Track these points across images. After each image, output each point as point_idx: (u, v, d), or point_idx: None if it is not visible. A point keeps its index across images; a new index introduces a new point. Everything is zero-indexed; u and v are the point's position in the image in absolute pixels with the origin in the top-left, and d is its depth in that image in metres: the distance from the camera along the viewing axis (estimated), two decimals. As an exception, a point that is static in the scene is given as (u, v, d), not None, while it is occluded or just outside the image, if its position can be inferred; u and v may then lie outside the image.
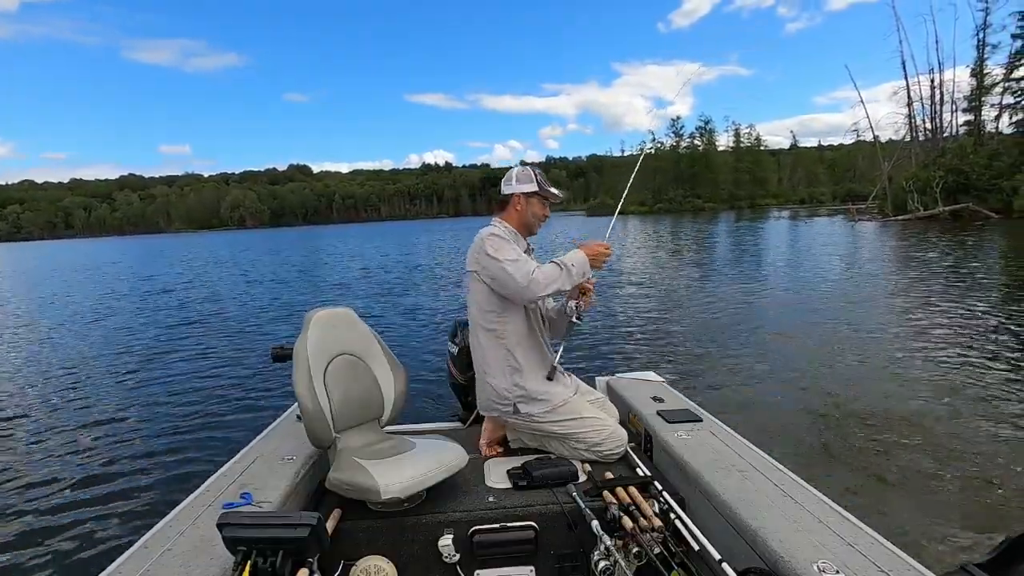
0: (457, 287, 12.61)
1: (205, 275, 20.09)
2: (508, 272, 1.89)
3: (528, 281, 1.86)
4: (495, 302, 2.01)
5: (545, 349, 2.14)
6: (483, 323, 2.05)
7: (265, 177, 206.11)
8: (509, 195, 2.12)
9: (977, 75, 32.47)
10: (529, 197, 2.11)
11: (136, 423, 4.86)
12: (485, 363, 2.08)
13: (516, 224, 2.13)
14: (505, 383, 2.03)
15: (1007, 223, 22.64)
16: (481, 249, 1.98)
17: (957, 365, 5.09)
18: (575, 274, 1.92)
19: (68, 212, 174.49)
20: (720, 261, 15.61)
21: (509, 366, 2.03)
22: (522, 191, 2.10)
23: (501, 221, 2.13)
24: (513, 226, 2.12)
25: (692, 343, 6.55)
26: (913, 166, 32.05)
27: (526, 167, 2.15)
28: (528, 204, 2.11)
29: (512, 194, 2.11)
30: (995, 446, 3.42)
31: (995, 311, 7.24)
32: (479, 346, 2.09)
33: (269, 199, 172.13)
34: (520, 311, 2.05)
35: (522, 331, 2.05)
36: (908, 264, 12.78)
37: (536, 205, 2.12)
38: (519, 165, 2.19)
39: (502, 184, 2.16)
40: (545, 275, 1.88)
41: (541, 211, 2.14)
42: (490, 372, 2.06)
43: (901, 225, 25.61)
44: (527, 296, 1.91)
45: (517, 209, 2.12)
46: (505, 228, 2.10)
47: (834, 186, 78.01)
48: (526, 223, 2.14)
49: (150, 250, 46.28)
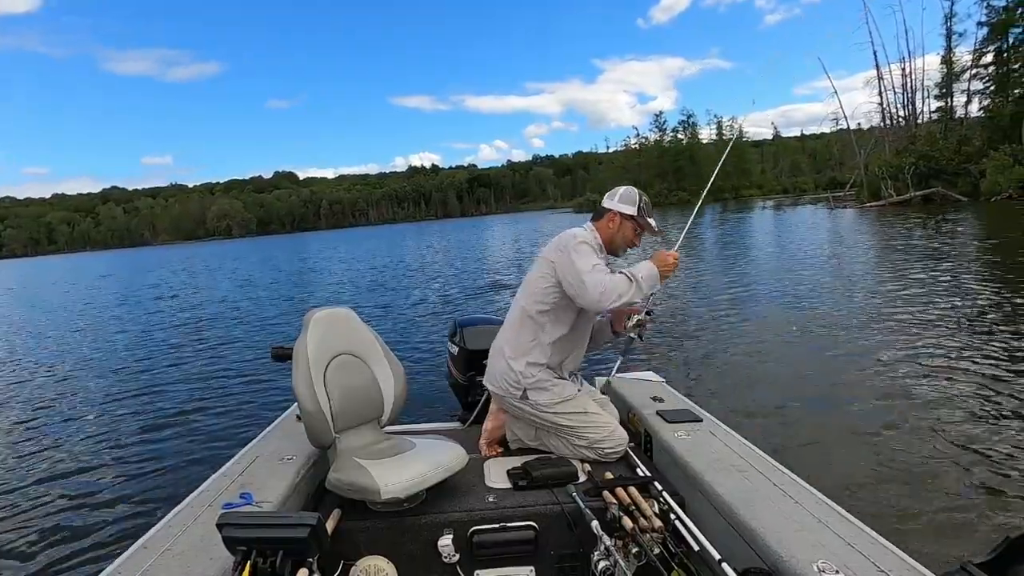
0: (457, 288, 12.55)
1: (201, 281, 20.33)
2: (583, 281, 1.88)
3: (599, 294, 1.85)
4: (552, 298, 2.02)
5: (575, 356, 2.17)
6: (528, 309, 2.06)
7: (251, 185, 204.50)
8: (607, 209, 2.10)
9: (947, 62, 33.58)
10: (625, 219, 2.08)
11: (136, 423, 4.91)
12: (512, 342, 2.08)
13: (604, 238, 2.10)
14: (521, 366, 2.04)
15: (974, 206, 23.54)
16: (567, 249, 1.97)
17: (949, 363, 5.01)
18: (645, 288, 1.91)
19: (51, 228, 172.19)
20: (713, 254, 15.90)
21: (533, 355, 2.04)
22: (620, 211, 2.07)
23: (593, 229, 2.11)
24: (601, 239, 2.10)
25: (692, 342, 6.54)
26: (887, 153, 33.03)
27: (634, 189, 2.12)
28: (621, 226, 2.09)
29: (610, 209, 2.09)
30: (995, 445, 3.41)
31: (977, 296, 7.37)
32: (513, 325, 2.10)
33: (255, 207, 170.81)
34: (570, 316, 2.06)
35: (562, 332, 2.06)
36: (886, 249, 13.33)
37: (628, 229, 2.10)
38: (627, 186, 2.15)
39: (605, 196, 2.14)
40: (616, 287, 1.86)
41: (631, 237, 2.12)
42: (512, 352, 2.07)
43: (876, 211, 26.42)
44: (596, 307, 1.93)
45: (609, 226, 2.09)
46: (595, 237, 2.08)
47: (816, 175, 79.49)
48: (613, 242, 2.11)
49: (139, 263, 45.90)
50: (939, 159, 28.34)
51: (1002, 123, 28.68)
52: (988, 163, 25.65)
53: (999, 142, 26.91)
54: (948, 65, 33.45)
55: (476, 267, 17.74)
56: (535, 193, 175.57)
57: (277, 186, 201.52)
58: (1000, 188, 24.28)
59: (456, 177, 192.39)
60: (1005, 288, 7.54)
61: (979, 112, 32.14)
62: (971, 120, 32.60)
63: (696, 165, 78.51)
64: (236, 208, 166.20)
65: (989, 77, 31.44)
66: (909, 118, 36.44)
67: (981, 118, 31.71)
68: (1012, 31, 30.08)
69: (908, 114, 36.72)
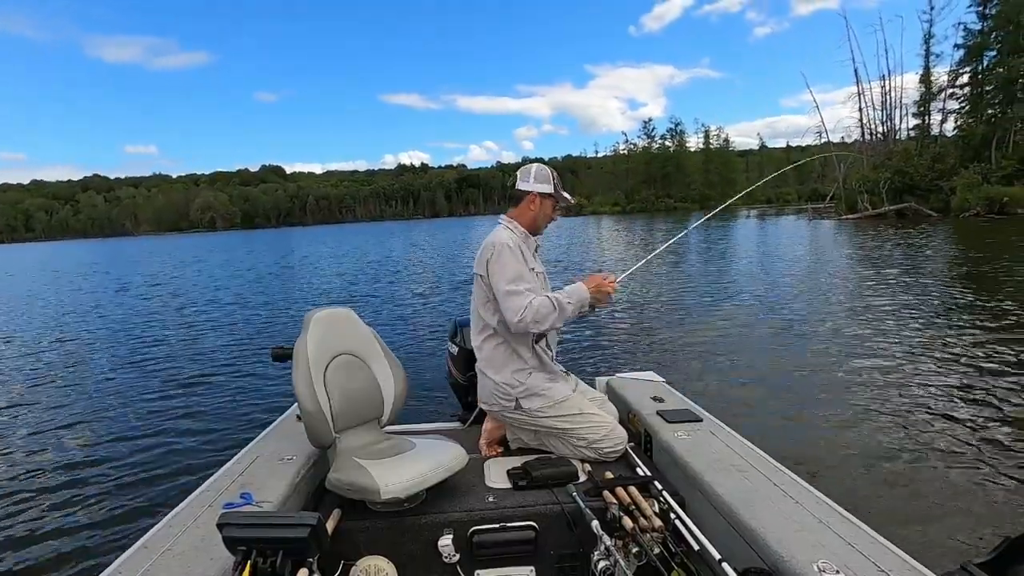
0: (455, 287, 12.74)
1: (196, 276, 20.10)
2: (501, 303, 1.91)
3: (519, 318, 1.86)
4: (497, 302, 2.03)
5: (546, 346, 2.16)
6: (486, 319, 2.06)
7: (236, 178, 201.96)
8: (525, 192, 2.10)
9: (925, 82, 34.90)
10: (544, 198, 2.10)
11: (136, 423, 4.90)
12: (487, 358, 2.08)
13: (526, 222, 2.12)
14: (506, 378, 2.04)
15: (944, 221, 24.51)
16: (488, 259, 1.98)
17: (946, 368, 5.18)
18: (570, 312, 1.93)
19: (29, 215, 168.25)
20: (704, 259, 16.28)
21: (511, 362, 2.04)
22: (539, 191, 2.09)
23: (512, 220, 2.12)
24: (523, 224, 2.12)
25: (690, 341, 6.59)
26: (865, 168, 34.16)
27: (543, 167, 2.13)
28: (542, 205, 2.11)
29: (529, 192, 2.09)
30: (994, 444, 3.44)
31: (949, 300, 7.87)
32: (482, 341, 2.10)
33: (241, 201, 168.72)
34: None
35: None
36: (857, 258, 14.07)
37: (548, 207, 2.13)
38: (536, 163, 2.16)
39: (519, 178, 2.13)
40: (536, 312, 1.87)
41: (552, 213, 2.16)
42: (492, 367, 2.07)
43: (853, 224, 27.36)
44: (513, 329, 1.93)
45: (531, 208, 2.10)
46: (515, 232, 2.09)
47: (799, 186, 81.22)
48: (536, 223, 2.14)
49: (123, 254, 44.74)
50: (913, 175, 29.51)
51: (973, 142, 30.00)
52: (958, 181, 26.78)
53: (970, 160, 28.18)
54: (927, 84, 34.82)
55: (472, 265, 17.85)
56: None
57: (263, 179, 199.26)
58: (969, 205, 25.39)
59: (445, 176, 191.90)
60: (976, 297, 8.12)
61: (953, 131, 33.54)
62: (945, 138, 33.93)
63: (682, 173, 79.87)
64: (221, 200, 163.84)
65: (964, 97, 32.78)
66: (888, 134, 37.74)
67: (955, 136, 33.02)
68: (987, 54, 31.44)
69: (887, 130, 38.05)
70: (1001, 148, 28.46)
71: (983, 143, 29.19)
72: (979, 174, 26.45)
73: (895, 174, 29.84)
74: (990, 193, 24.98)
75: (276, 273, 19.78)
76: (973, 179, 26.16)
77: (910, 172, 29.65)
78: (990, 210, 24.56)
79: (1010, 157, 27.33)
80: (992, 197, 24.74)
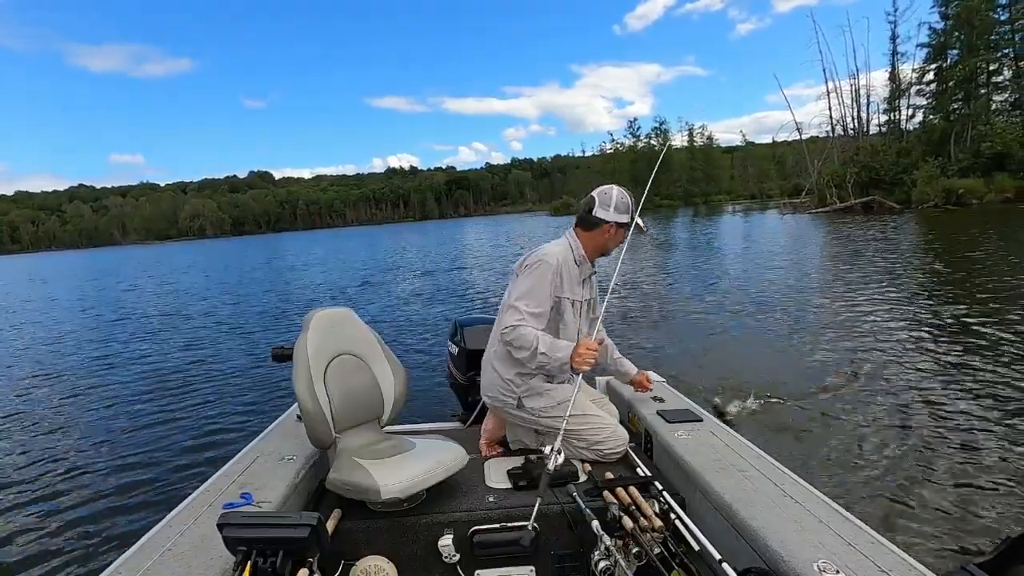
0: (455, 288, 12.90)
1: (193, 281, 20.55)
2: (505, 309, 1.98)
3: (504, 331, 1.92)
4: None
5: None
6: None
7: (225, 185, 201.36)
8: (603, 221, 2.03)
9: (892, 79, 36.49)
10: (620, 227, 2.05)
11: (136, 423, 4.92)
12: (499, 354, 2.07)
13: (592, 247, 2.08)
14: (511, 374, 2.03)
15: (906, 213, 25.77)
16: (527, 264, 2.01)
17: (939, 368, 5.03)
18: (545, 365, 1.91)
19: (14, 226, 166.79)
20: (692, 257, 16.25)
21: (519, 363, 2.00)
22: (618, 221, 2.03)
23: (578, 240, 2.08)
24: (588, 249, 2.07)
25: (690, 341, 6.56)
26: (835, 163, 35.62)
27: (625, 194, 2.06)
28: (616, 233, 2.06)
29: (607, 222, 2.03)
30: (994, 443, 3.43)
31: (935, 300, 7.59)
32: (502, 334, 2.04)
33: (230, 207, 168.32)
34: (553, 325, 2.04)
35: (549, 332, 2.01)
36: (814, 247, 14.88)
37: (621, 235, 2.08)
38: (616, 187, 2.07)
39: (596, 203, 2.03)
40: (518, 338, 1.88)
41: (623, 239, 2.12)
42: (501, 364, 2.06)
43: (825, 217, 28.48)
44: (499, 338, 1.98)
45: (604, 236, 2.05)
46: (573, 253, 2.06)
47: (783, 181, 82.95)
48: (604, 249, 2.10)
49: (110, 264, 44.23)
50: (879, 169, 30.93)
51: (935, 137, 31.45)
52: (918, 174, 28.23)
53: (932, 155, 29.59)
54: (895, 81, 36.39)
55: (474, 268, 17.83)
56: (513, 195, 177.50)
57: (252, 186, 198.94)
58: (928, 197, 26.79)
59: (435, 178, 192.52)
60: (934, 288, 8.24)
61: (918, 126, 35.05)
62: (911, 134, 35.43)
63: (668, 171, 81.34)
64: (210, 208, 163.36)
65: (930, 94, 34.31)
66: (857, 130, 39.29)
67: (917, 132, 34.56)
68: (950, 52, 32.95)
69: (857, 126, 39.61)
70: (959, 143, 29.91)
71: (943, 138, 30.62)
72: (938, 167, 27.90)
73: (862, 169, 31.28)
74: (947, 185, 26.36)
75: (275, 275, 20.42)
76: (932, 172, 27.58)
77: (876, 167, 31.06)
78: (947, 201, 25.90)
79: (967, 151, 28.79)
80: (949, 189, 26.13)
